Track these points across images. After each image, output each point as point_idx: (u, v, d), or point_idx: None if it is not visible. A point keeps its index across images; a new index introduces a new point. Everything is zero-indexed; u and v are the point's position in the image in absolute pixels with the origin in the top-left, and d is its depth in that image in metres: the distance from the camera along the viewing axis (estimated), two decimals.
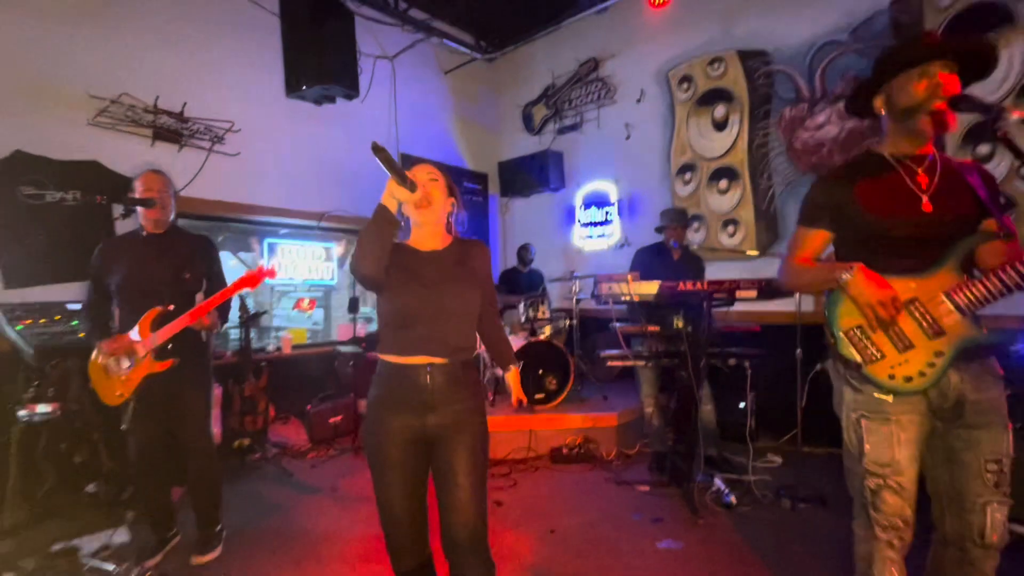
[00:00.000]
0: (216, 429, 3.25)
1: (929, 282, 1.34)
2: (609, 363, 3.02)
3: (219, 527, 2.44)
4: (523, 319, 4.10)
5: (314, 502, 2.97)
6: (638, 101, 4.91)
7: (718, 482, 2.92)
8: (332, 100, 3.77)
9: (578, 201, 5.31)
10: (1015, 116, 1.13)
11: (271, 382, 3.67)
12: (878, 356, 1.36)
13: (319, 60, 3.46)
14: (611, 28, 5.01)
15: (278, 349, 4.11)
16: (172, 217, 2.35)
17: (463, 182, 5.63)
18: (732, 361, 2.94)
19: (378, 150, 1.28)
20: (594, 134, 5.23)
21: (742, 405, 3.83)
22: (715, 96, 4.46)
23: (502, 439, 3.56)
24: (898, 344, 1.35)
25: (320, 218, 4.33)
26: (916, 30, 1.32)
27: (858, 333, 1.39)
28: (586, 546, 2.43)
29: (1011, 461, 1.34)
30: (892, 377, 1.34)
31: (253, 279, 2.24)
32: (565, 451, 3.53)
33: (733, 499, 2.77)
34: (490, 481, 1.71)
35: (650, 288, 2.63)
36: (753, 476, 2.95)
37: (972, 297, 1.28)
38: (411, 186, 1.34)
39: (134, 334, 2.16)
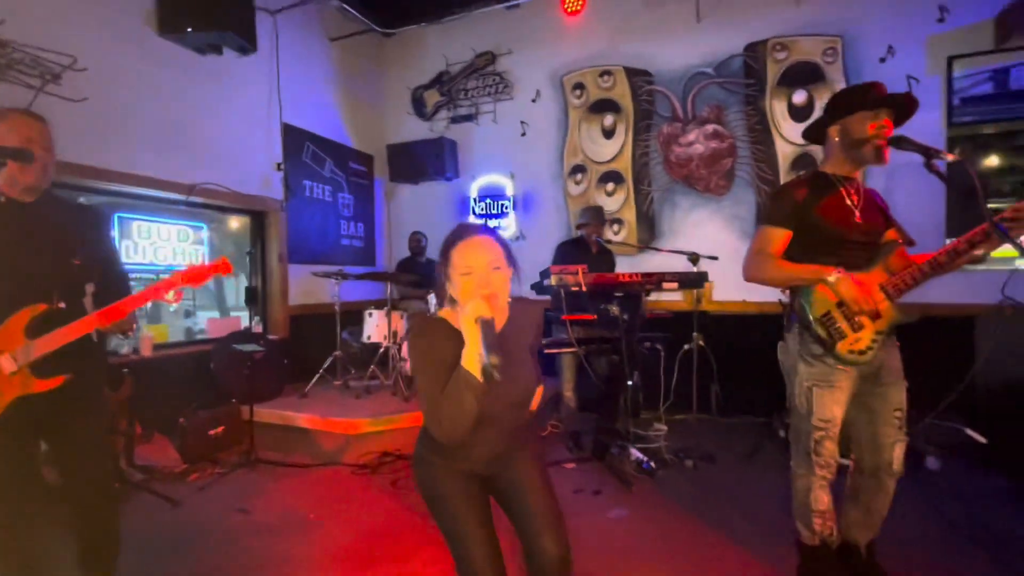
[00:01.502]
0: None
1: (868, 276, 1.76)
2: (546, 351, 3.16)
3: None
4: (432, 312, 4.01)
5: (224, 533, 2.49)
6: (534, 100, 5.13)
7: (635, 452, 3.29)
8: (219, 51, 3.14)
9: (473, 192, 5.32)
10: (950, 158, 1.56)
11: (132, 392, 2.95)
12: (841, 336, 1.74)
13: (212, 0, 2.85)
14: (509, 25, 5.12)
15: (135, 351, 3.29)
16: (50, 182, 1.74)
17: (349, 163, 5.19)
18: (648, 344, 3.34)
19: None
20: (490, 127, 5.29)
21: (630, 383, 4.37)
22: (605, 106, 4.91)
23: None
24: (854, 326, 1.75)
25: (189, 191, 3.57)
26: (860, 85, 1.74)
27: (826, 319, 1.75)
28: None
29: (906, 408, 1.84)
30: (851, 352, 1.74)
31: (199, 274, 1.71)
32: None
33: (653, 465, 3.15)
34: None
35: (600, 279, 2.83)
36: (657, 443, 3.40)
37: (898, 288, 1.72)
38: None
39: None
